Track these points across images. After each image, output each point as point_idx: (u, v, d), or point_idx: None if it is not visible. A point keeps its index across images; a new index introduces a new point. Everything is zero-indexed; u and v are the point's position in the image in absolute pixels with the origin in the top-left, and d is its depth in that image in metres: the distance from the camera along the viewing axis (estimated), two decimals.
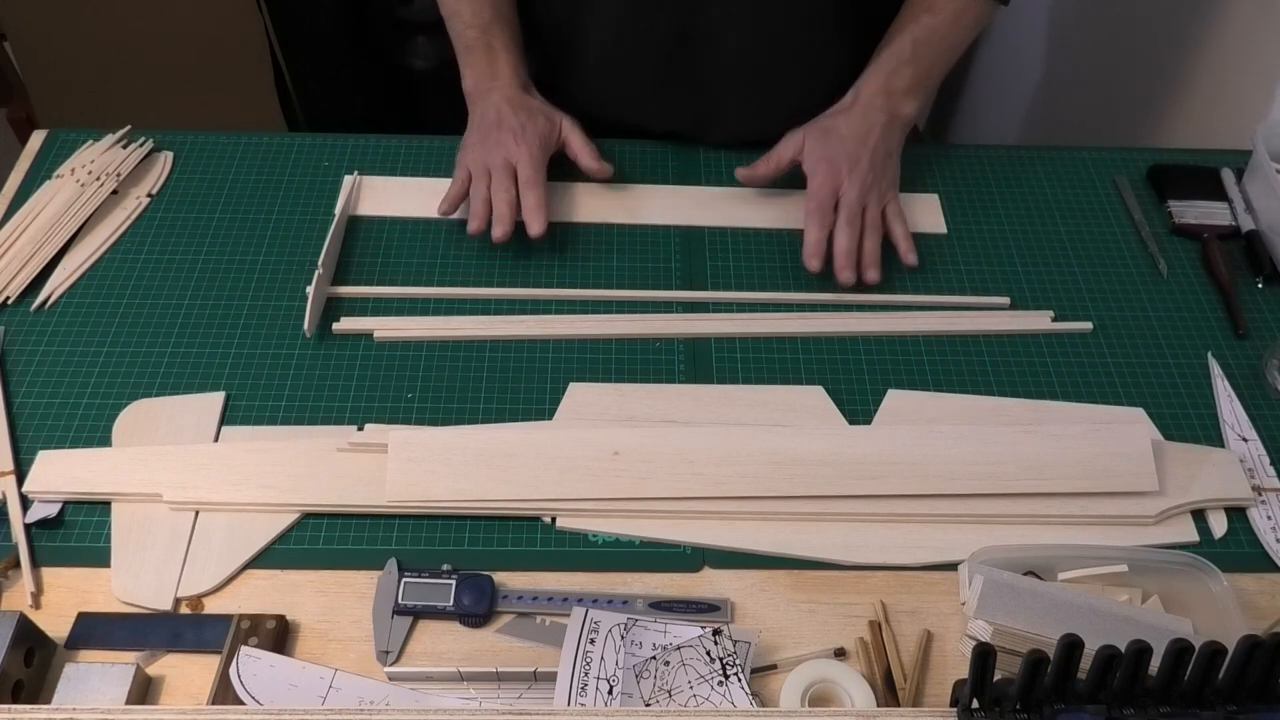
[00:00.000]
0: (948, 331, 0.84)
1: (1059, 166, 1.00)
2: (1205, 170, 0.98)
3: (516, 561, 0.70)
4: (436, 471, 0.71)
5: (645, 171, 0.97)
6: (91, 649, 0.64)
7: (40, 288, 0.84)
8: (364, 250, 0.89)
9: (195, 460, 0.72)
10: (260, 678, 0.61)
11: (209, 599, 0.67)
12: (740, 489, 0.71)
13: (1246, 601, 0.69)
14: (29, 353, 0.80)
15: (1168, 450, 0.75)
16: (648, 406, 0.77)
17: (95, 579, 0.68)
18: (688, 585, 0.69)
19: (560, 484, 0.71)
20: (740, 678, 0.61)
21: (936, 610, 0.68)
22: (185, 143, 0.97)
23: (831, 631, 0.67)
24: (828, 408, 0.78)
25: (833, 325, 0.84)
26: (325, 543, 0.70)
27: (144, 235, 0.89)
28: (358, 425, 0.76)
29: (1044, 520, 0.72)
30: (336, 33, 1.74)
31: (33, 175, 0.92)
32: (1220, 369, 0.82)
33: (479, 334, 0.83)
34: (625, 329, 0.84)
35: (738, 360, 0.82)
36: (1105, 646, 0.53)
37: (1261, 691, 0.54)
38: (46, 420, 0.76)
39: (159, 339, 0.81)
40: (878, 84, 0.89)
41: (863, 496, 0.72)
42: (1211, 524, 0.73)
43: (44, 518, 0.70)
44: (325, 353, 0.81)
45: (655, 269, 0.89)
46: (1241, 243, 0.92)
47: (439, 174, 0.95)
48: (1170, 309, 0.87)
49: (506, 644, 0.66)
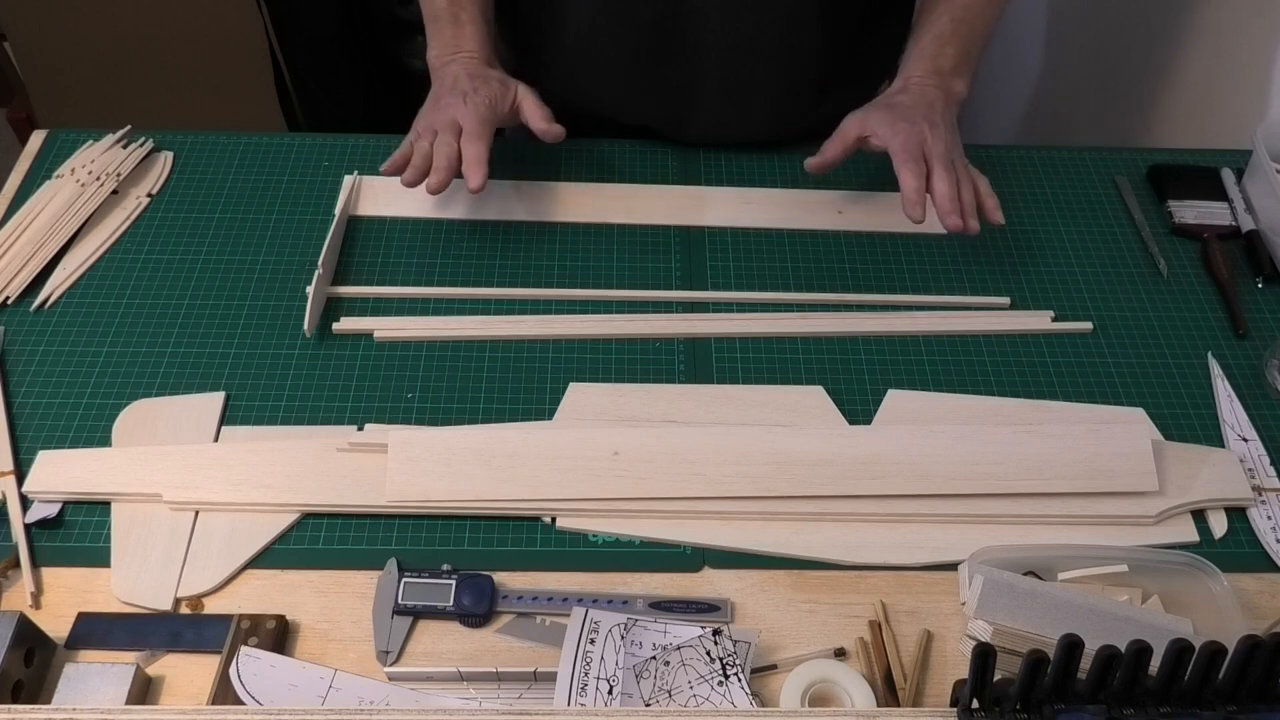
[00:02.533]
0: (948, 331, 0.84)
1: (1059, 166, 1.00)
2: (1205, 170, 0.98)
3: (516, 561, 0.70)
4: (436, 471, 0.71)
5: (645, 171, 0.97)
6: (91, 649, 0.64)
7: (40, 288, 0.84)
8: (364, 250, 0.89)
9: (195, 460, 0.72)
10: (260, 678, 0.61)
11: (209, 599, 0.67)
12: (740, 489, 0.71)
13: (1246, 601, 0.69)
14: (29, 353, 0.80)
15: (1168, 450, 0.75)
16: (648, 406, 0.77)
17: (95, 579, 0.68)
18: (688, 585, 0.69)
19: (560, 484, 0.71)
20: (740, 678, 0.61)
21: (936, 610, 0.68)
22: (185, 143, 0.97)
23: (831, 631, 0.67)
24: (828, 408, 0.78)
25: (833, 325, 0.84)
26: (325, 543, 0.70)
27: (144, 235, 0.89)
28: (358, 425, 0.76)
29: (1044, 520, 0.72)
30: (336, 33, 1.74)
31: (33, 175, 0.92)
32: (1220, 369, 0.82)
33: (479, 334, 0.83)
34: (625, 329, 0.84)
35: (738, 360, 0.82)
36: (1105, 646, 0.53)
37: (1261, 691, 0.54)
38: (46, 420, 0.76)
39: (159, 339, 0.81)
40: (925, 66, 0.88)
41: (863, 496, 0.72)
42: (1211, 524, 0.73)
43: (44, 518, 0.70)
44: (325, 353, 0.81)
45: (655, 269, 0.89)
46: (1241, 243, 0.92)
47: None
48: (1170, 309, 0.87)
49: (506, 644, 0.66)
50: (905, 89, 0.88)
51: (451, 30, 0.90)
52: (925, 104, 0.86)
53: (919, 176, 0.81)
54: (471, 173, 0.82)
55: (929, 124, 0.84)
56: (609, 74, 0.97)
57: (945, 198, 0.81)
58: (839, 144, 0.87)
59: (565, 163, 0.97)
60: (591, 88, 0.99)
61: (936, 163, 0.82)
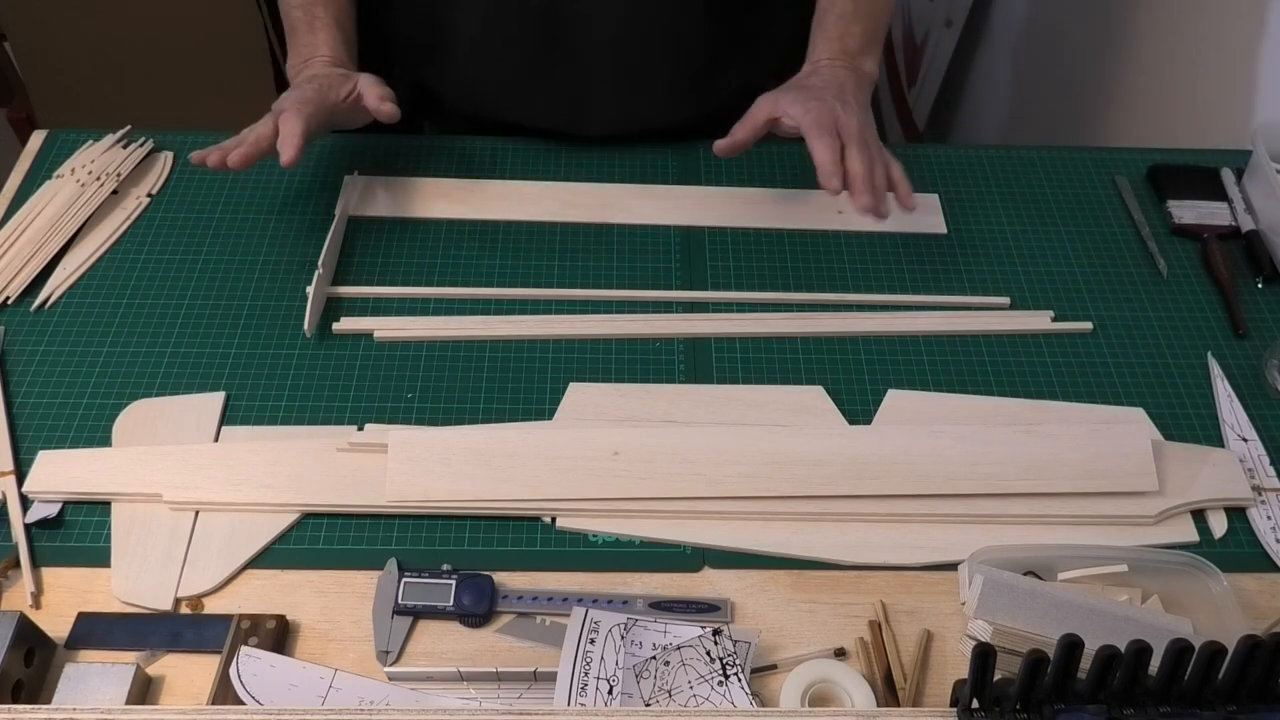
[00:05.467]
0: (948, 331, 0.84)
1: (1059, 166, 1.00)
2: (1205, 170, 0.98)
3: (516, 561, 0.70)
4: (436, 471, 0.71)
5: (645, 172, 0.97)
6: (91, 649, 0.64)
7: (40, 288, 0.84)
8: (364, 250, 0.89)
9: (195, 460, 0.72)
10: (260, 678, 0.61)
11: (209, 599, 0.67)
12: (740, 489, 0.71)
13: (1246, 601, 0.69)
14: (29, 353, 0.80)
15: (1168, 450, 0.75)
16: (648, 406, 0.77)
17: (95, 579, 0.68)
18: (688, 585, 0.69)
19: (560, 484, 0.71)
20: (740, 678, 0.61)
21: (936, 610, 0.68)
22: (185, 143, 0.97)
23: (831, 631, 0.67)
24: (828, 408, 0.78)
25: (833, 325, 0.84)
26: (325, 543, 0.70)
27: (144, 235, 0.89)
28: (358, 425, 0.76)
29: (1044, 520, 0.72)
30: None
31: (33, 175, 0.92)
32: (1220, 369, 0.82)
33: (479, 334, 0.83)
34: (625, 329, 0.84)
35: (738, 360, 0.82)
36: (1105, 646, 0.53)
37: (1261, 691, 0.54)
38: (46, 420, 0.76)
39: (159, 339, 0.81)
40: (832, 48, 0.88)
41: (863, 496, 0.72)
42: (1211, 524, 0.73)
43: (44, 518, 0.70)
44: (325, 353, 0.81)
45: (655, 269, 0.89)
46: (1241, 243, 0.92)
47: (439, 174, 0.95)
48: (1170, 309, 0.87)
49: (506, 644, 0.66)
50: (815, 71, 0.88)
51: (306, 39, 0.89)
52: (836, 84, 0.86)
53: (833, 149, 0.80)
54: (283, 146, 0.79)
55: (841, 103, 0.83)
56: (504, 74, 0.97)
57: (859, 177, 0.79)
58: (749, 125, 0.86)
59: (565, 163, 0.97)
60: (489, 91, 0.98)
61: (850, 141, 0.81)
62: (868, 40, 0.89)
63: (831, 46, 0.88)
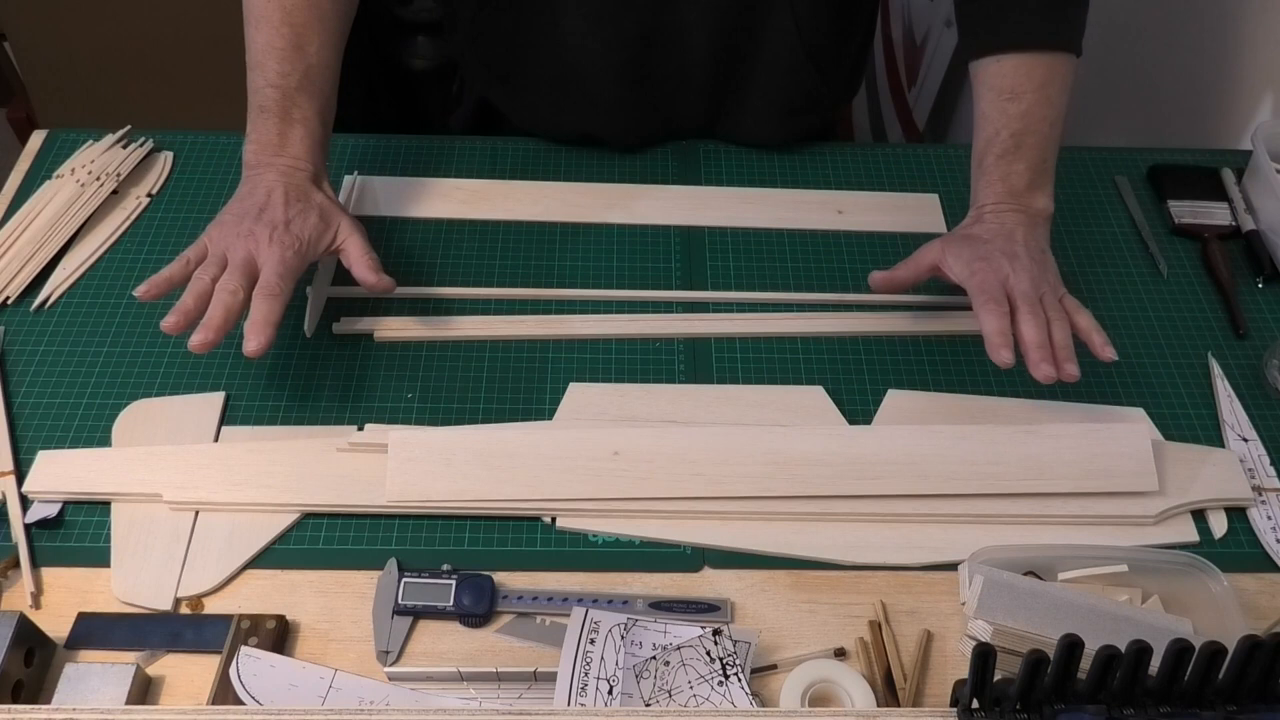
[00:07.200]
0: (948, 331, 0.84)
1: (1059, 166, 0.99)
2: (1205, 170, 0.98)
3: (516, 561, 0.70)
4: (436, 471, 0.71)
5: (645, 171, 0.97)
6: (91, 649, 0.64)
7: (40, 288, 0.84)
8: None
9: (195, 460, 0.72)
10: (260, 678, 0.61)
11: (209, 599, 0.67)
12: (740, 489, 0.71)
13: (1246, 601, 0.69)
14: (29, 353, 0.80)
15: (1168, 450, 0.75)
16: (648, 406, 0.77)
17: (95, 579, 0.68)
18: (688, 585, 0.69)
19: (560, 484, 0.71)
20: (740, 678, 0.61)
21: (936, 610, 0.68)
22: (185, 143, 0.97)
23: (831, 631, 0.67)
24: (828, 408, 0.78)
25: (833, 325, 0.84)
26: (325, 543, 0.70)
27: (144, 235, 0.89)
28: (358, 425, 0.76)
29: (1044, 520, 0.72)
30: None
31: (33, 175, 0.92)
32: (1220, 369, 0.82)
33: (479, 334, 0.83)
34: (625, 329, 0.84)
35: (738, 360, 0.82)
36: (1105, 646, 0.53)
37: (1261, 691, 0.54)
38: (46, 420, 0.76)
39: (159, 339, 0.81)
40: (995, 193, 0.80)
41: (863, 496, 0.72)
42: (1211, 524, 0.73)
43: (44, 518, 0.70)
44: (325, 353, 0.81)
45: (655, 269, 0.89)
46: (1241, 243, 0.92)
47: (439, 174, 0.95)
48: (1170, 309, 0.87)
49: (506, 644, 0.66)
50: (980, 219, 0.80)
51: (277, 129, 0.79)
52: (1004, 235, 0.78)
53: (1001, 317, 0.72)
54: (252, 334, 0.69)
55: (1009, 257, 0.76)
56: (594, 93, 0.95)
57: (1033, 345, 0.72)
58: (912, 269, 0.81)
59: (565, 163, 0.97)
60: (577, 108, 0.96)
61: (1021, 302, 0.74)
62: (1035, 174, 0.81)
63: (995, 190, 0.80)
